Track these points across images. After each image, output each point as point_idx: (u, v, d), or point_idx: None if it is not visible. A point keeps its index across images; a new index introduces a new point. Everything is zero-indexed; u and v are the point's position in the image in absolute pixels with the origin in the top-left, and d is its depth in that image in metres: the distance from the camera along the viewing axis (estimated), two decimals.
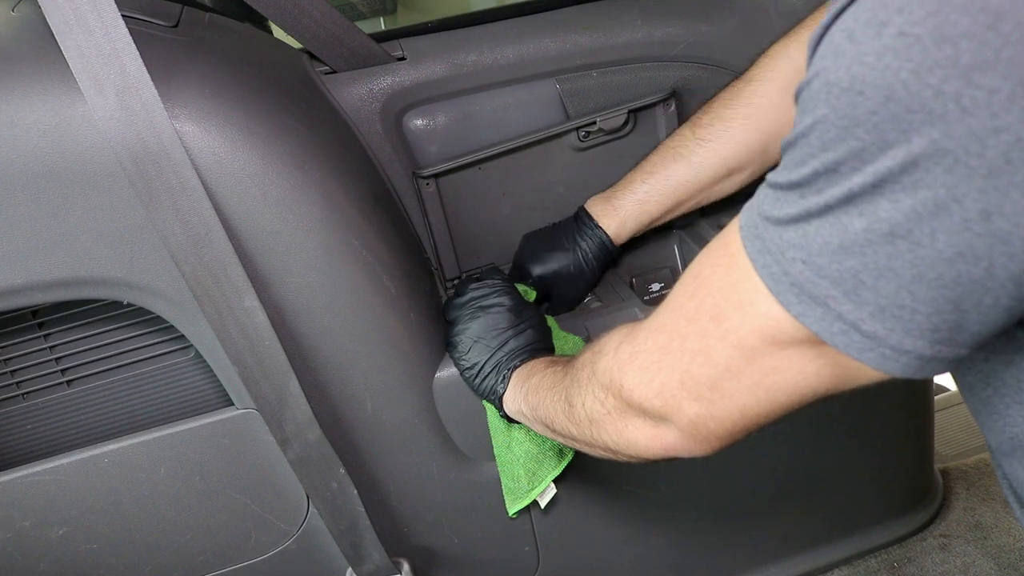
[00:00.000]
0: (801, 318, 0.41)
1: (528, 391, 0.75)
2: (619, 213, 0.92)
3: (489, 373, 0.81)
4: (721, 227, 1.04)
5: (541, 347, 0.82)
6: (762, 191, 0.44)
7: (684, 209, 0.92)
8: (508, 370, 0.80)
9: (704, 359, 0.48)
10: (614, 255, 0.95)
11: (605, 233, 0.93)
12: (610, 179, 1.03)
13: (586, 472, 0.97)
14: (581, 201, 1.03)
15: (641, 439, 0.58)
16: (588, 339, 0.90)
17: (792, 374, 0.45)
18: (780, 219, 0.41)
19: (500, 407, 0.81)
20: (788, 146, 0.41)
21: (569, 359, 0.71)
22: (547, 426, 0.71)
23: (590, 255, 0.94)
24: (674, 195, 0.89)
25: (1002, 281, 0.36)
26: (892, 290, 0.37)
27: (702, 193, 0.90)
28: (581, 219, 0.94)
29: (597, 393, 0.60)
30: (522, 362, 0.80)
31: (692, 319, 0.49)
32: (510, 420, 0.82)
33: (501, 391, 0.80)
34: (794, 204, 0.40)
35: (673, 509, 1.05)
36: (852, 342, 0.40)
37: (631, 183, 0.92)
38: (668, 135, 1.01)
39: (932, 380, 1.18)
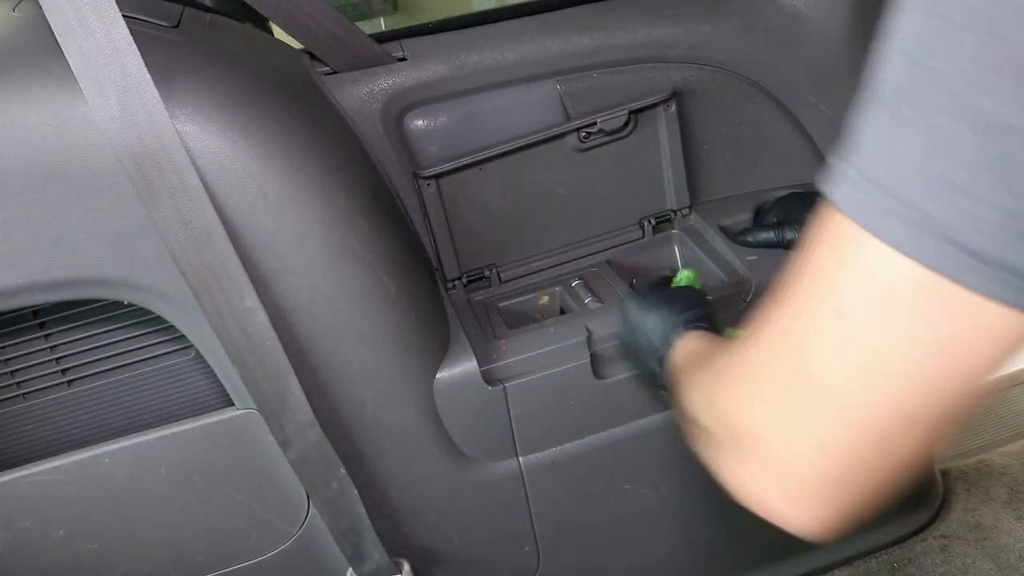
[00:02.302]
0: (876, 231, 0.33)
1: (683, 366, 0.68)
2: None
3: (656, 338, 0.76)
4: (722, 228, 1.05)
5: (704, 320, 0.77)
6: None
7: None
8: (673, 335, 0.75)
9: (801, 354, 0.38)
10: None
11: None
12: (611, 180, 1.03)
13: (586, 472, 0.98)
14: (581, 202, 1.03)
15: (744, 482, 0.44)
16: (589, 339, 0.91)
17: (904, 344, 0.35)
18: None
19: (661, 371, 0.76)
20: None
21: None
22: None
23: None
24: None
25: None
26: (942, 169, 0.31)
27: None
28: None
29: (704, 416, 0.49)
30: (685, 330, 0.74)
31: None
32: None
33: (662, 353, 0.75)
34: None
35: (673, 509, 1.05)
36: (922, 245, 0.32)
37: None
38: (669, 135, 1.02)
39: None
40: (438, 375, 0.86)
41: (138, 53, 0.61)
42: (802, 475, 0.39)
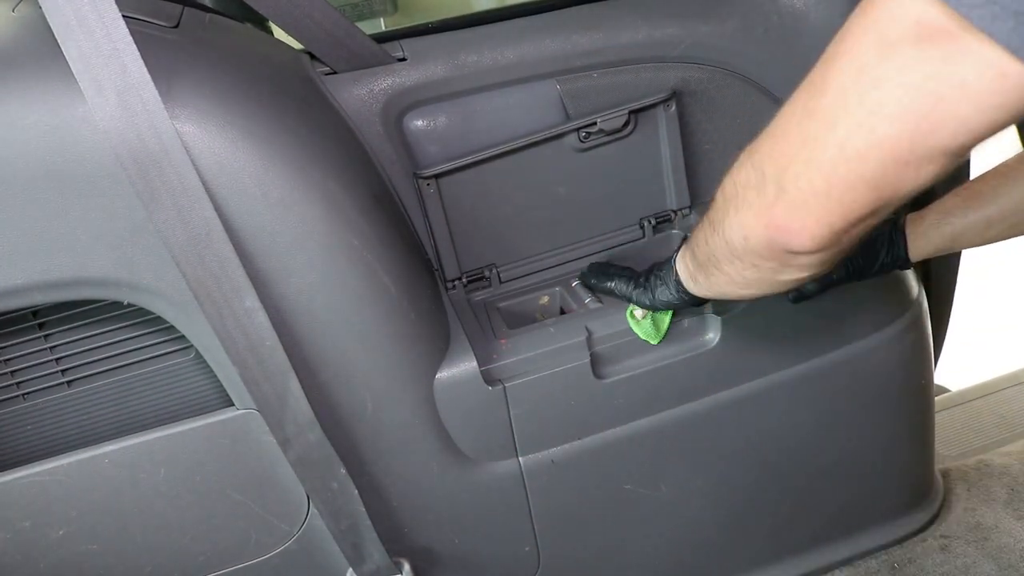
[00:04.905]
0: None
1: (689, 256, 0.75)
2: (921, 224, 0.87)
3: (658, 277, 0.84)
4: None
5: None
6: None
7: (996, 230, 0.83)
8: (671, 264, 0.81)
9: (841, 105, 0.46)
10: (899, 264, 0.90)
11: (904, 240, 0.88)
12: (611, 180, 1.03)
13: (586, 472, 0.98)
14: (581, 202, 1.03)
15: (752, 220, 0.55)
16: (589, 339, 0.91)
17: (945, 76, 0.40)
18: None
19: (683, 294, 0.80)
20: None
21: None
22: (710, 263, 0.68)
23: (876, 253, 0.89)
24: (981, 210, 0.82)
25: None
26: None
27: (1017, 216, 0.81)
28: (898, 221, 0.89)
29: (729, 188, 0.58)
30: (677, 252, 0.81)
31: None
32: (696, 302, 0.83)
33: (673, 279, 0.81)
34: None
35: (673, 509, 1.05)
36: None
37: (943, 201, 0.86)
38: (669, 135, 1.02)
39: (932, 380, 1.18)
40: (438, 375, 0.86)
41: (138, 53, 0.61)
42: (806, 199, 0.50)
